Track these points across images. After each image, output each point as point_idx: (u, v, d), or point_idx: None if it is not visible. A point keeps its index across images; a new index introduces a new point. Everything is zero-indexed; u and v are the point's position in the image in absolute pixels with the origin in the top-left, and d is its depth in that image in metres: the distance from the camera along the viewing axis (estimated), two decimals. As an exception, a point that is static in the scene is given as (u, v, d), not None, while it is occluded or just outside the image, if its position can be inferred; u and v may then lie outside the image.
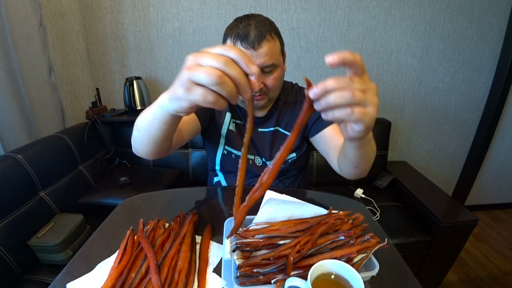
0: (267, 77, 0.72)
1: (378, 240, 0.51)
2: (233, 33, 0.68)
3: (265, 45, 0.67)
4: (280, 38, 0.74)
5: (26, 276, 0.90)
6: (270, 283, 0.45)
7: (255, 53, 0.66)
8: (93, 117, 1.39)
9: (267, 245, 0.52)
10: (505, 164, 1.94)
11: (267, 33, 0.67)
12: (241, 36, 0.66)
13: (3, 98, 1.09)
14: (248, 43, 0.66)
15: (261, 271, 0.47)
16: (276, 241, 0.51)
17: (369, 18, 1.52)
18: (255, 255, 0.51)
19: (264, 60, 0.67)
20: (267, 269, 0.47)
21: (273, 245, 0.52)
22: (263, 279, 0.46)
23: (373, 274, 0.48)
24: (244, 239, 0.53)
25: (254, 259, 0.49)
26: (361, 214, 0.58)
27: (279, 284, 0.44)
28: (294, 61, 1.58)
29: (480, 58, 1.64)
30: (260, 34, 0.66)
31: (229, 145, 0.87)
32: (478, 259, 1.64)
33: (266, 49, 0.67)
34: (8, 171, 0.93)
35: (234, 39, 0.68)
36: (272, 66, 0.70)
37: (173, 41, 1.50)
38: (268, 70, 0.70)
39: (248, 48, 0.66)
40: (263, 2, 1.44)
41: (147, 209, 0.72)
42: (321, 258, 0.47)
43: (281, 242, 0.51)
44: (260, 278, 0.46)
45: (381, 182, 1.54)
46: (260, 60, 0.67)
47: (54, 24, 1.34)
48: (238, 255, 0.51)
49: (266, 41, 0.67)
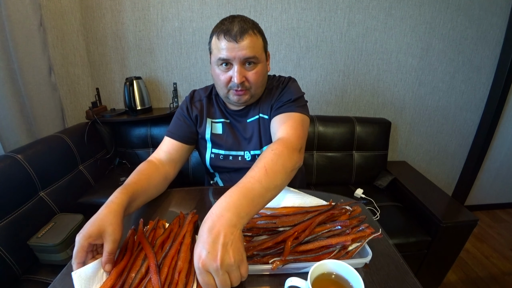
0: (249, 71, 0.75)
1: (372, 230, 0.53)
2: (218, 30, 0.73)
3: (247, 39, 0.70)
4: (263, 37, 0.78)
5: (26, 276, 0.90)
6: (267, 263, 0.49)
7: (237, 45, 0.70)
8: (93, 117, 1.39)
9: (268, 231, 0.55)
10: (505, 164, 1.94)
11: (250, 29, 0.72)
12: (225, 30, 0.71)
13: (3, 98, 1.09)
14: (230, 36, 0.70)
15: (260, 253, 0.51)
16: (277, 228, 0.55)
17: (369, 18, 1.52)
18: (256, 240, 0.54)
19: (246, 52, 0.71)
20: (266, 252, 0.51)
21: (273, 232, 0.55)
22: (261, 260, 0.50)
23: (366, 261, 0.50)
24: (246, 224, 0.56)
25: (254, 243, 0.52)
26: (359, 207, 0.59)
27: (275, 265, 0.47)
28: (294, 61, 1.58)
29: (480, 58, 1.65)
30: (242, 28, 0.70)
31: (216, 147, 0.89)
32: (478, 259, 1.64)
33: (248, 42, 0.71)
34: (8, 171, 0.93)
35: (218, 33, 0.72)
36: (253, 59, 0.73)
37: (173, 41, 1.50)
38: (249, 64, 0.74)
39: (230, 41, 0.70)
40: (263, 2, 1.44)
41: (147, 209, 0.72)
42: (317, 245, 0.51)
43: (281, 229, 0.55)
44: (259, 259, 0.50)
45: (381, 182, 1.54)
46: (242, 52, 0.71)
47: (54, 24, 1.34)
48: None
49: (248, 35, 0.71)
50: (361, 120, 1.58)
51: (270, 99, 0.85)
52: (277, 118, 0.77)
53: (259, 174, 0.52)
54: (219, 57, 0.72)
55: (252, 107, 0.86)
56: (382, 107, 1.72)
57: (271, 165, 0.55)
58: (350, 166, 1.58)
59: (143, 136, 1.51)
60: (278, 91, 0.84)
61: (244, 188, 0.49)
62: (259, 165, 0.55)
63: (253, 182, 0.51)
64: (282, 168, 0.57)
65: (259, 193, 0.50)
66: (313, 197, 0.64)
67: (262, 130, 0.85)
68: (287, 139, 0.67)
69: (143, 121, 1.50)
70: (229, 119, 0.89)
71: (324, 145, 1.55)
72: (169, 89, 1.60)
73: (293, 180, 0.93)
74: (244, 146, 0.88)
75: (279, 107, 0.79)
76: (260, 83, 0.79)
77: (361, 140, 1.56)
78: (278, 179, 0.55)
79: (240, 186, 0.50)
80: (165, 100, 1.63)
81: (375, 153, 1.59)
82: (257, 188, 0.50)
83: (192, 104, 0.90)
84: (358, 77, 1.64)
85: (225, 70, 0.74)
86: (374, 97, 1.70)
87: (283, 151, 0.60)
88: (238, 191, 0.48)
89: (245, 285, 0.49)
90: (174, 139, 0.84)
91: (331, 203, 0.62)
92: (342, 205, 0.59)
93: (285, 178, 0.58)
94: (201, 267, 0.40)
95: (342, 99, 1.69)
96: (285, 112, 0.77)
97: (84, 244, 0.47)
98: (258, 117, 0.86)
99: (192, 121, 0.88)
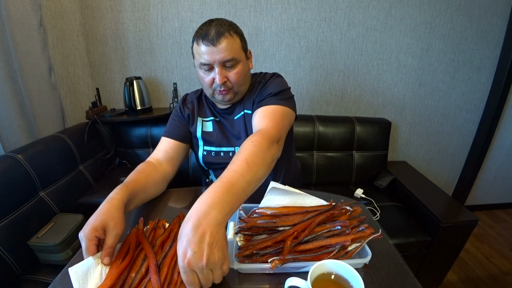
0: (230, 71, 0.78)
1: (372, 230, 0.53)
2: (197, 35, 0.76)
3: (224, 41, 0.73)
4: (241, 37, 0.81)
5: (26, 276, 0.90)
6: (266, 262, 0.49)
7: (215, 49, 0.73)
8: (93, 117, 1.39)
9: (267, 230, 0.56)
10: (505, 164, 1.94)
11: (226, 31, 0.74)
12: (203, 35, 0.74)
13: (3, 98, 1.09)
14: (208, 40, 0.73)
15: (260, 252, 0.51)
16: (276, 227, 0.55)
17: (369, 18, 1.52)
18: (256, 239, 0.55)
19: (224, 55, 0.74)
20: (265, 251, 0.51)
21: (273, 231, 0.55)
22: (260, 259, 0.50)
23: (365, 261, 0.50)
24: (246, 223, 0.57)
25: (254, 242, 0.53)
26: (359, 207, 0.60)
27: (274, 264, 0.47)
28: (294, 61, 1.58)
29: (480, 58, 1.64)
30: (218, 32, 0.73)
31: (207, 144, 0.92)
32: (478, 259, 1.64)
33: (225, 44, 0.74)
34: (8, 171, 0.93)
35: (197, 39, 0.76)
36: (232, 61, 0.76)
37: (173, 41, 1.50)
38: (229, 65, 0.77)
39: (208, 45, 0.73)
40: (263, 2, 1.44)
41: (147, 209, 0.72)
42: (316, 245, 0.51)
43: (280, 228, 0.55)
44: (258, 258, 0.51)
45: (381, 182, 1.55)
46: (220, 55, 0.74)
47: (54, 24, 1.34)
48: (240, 238, 0.56)
49: (224, 38, 0.73)
50: (361, 120, 1.58)
51: (252, 94, 0.87)
52: (258, 111, 0.78)
53: (241, 168, 0.52)
54: (201, 62, 0.76)
55: (237, 104, 0.89)
56: (382, 107, 1.72)
57: (253, 157, 0.55)
58: (350, 166, 1.58)
59: (143, 136, 1.51)
60: (260, 86, 0.87)
61: (228, 183, 0.48)
62: (240, 157, 0.54)
63: (236, 177, 0.50)
64: (263, 160, 0.57)
65: (242, 188, 0.50)
66: (313, 197, 0.64)
67: (248, 125, 0.87)
68: (266, 130, 0.67)
69: (143, 121, 1.50)
70: (218, 117, 0.92)
71: (324, 145, 1.55)
72: (169, 89, 1.60)
73: (288, 177, 0.96)
74: (234, 142, 0.90)
75: (260, 101, 0.81)
76: (242, 81, 0.82)
77: (361, 140, 1.56)
78: (259, 172, 0.55)
79: (224, 181, 0.49)
80: (165, 100, 1.63)
81: (375, 153, 1.59)
82: (240, 182, 0.50)
83: (184, 105, 0.95)
84: (358, 77, 1.64)
85: (208, 72, 0.79)
86: (374, 97, 1.70)
87: (262, 142, 0.60)
88: (222, 186, 0.48)
89: (244, 284, 0.49)
90: (171, 138, 0.88)
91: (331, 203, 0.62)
92: (343, 205, 0.59)
93: (266, 170, 0.58)
94: (186, 266, 0.40)
95: (342, 99, 1.69)
96: (266, 105, 0.78)
97: (92, 236, 0.48)
98: (243, 113, 0.88)
99: (185, 120, 0.93)
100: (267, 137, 0.63)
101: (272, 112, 0.75)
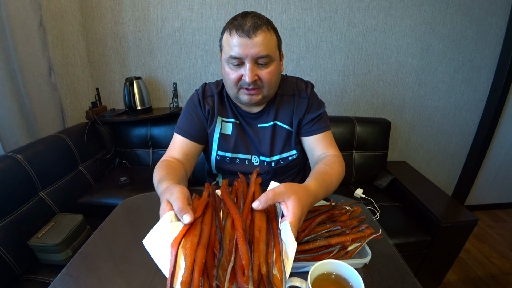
0: (262, 70, 0.70)
1: (372, 230, 0.53)
2: (230, 25, 0.68)
3: (260, 35, 0.66)
4: (277, 34, 0.73)
5: (26, 276, 0.90)
6: None
7: (250, 42, 0.65)
8: (93, 117, 1.39)
9: None
10: (505, 164, 1.94)
11: (263, 24, 0.67)
12: (237, 26, 0.66)
13: (3, 98, 1.09)
14: (243, 31, 0.65)
15: None
16: None
17: (369, 18, 1.52)
18: None
19: (259, 50, 0.66)
20: None
21: None
22: None
23: (365, 261, 0.50)
24: None
25: None
26: (359, 207, 0.60)
27: None
28: (294, 61, 1.58)
29: (480, 58, 1.64)
30: (255, 24, 0.66)
31: (222, 148, 0.83)
32: (478, 259, 1.64)
33: (261, 38, 0.66)
34: (8, 171, 0.93)
35: (230, 29, 0.67)
36: (267, 58, 0.68)
37: (173, 41, 1.50)
38: (262, 62, 0.69)
39: (243, 37, 0.65)
40: (263, 2, 1.44)
41: (147, 209, 0.72)
42: (316, 245, 0.51)
43: None
44: None
45: (381, 182, 1.54)
46: (255, 49, 0.66)
47: (54, 24, 1.34)
48: None
49: (261, 31, 0.66)
50: (361, 120, 1.58)
51: (291, 108, 0.81)
52: (315, 138, 0.81)
53: (328, 183, 0.62)
54: (230, 55, 0.67)
55: (267, 111, 0.82)
56: (382, 107, 1.72)
57: (338, 179, 0.68)
58: (350, 166, 1.58)
59: (143, 136, 1.51)
60: (302, 103, 0.81)
61: (315, 192, 0.56)
62: (331, 172, 0.66)
63: (324, 187, 0.60)
64: (338, 183, 0.68)
65: (316, 196, 0.57)
66: None
67: (276, 137, 0.82)
68: (339, 156, 0.77)
69: (143, 121, 1.50)
70: (239, 120, 0.83)
71: (324, 145, 1.55)
72: (169, 89, 1.61)
73: (296, 178, 0.93)
74: (253, 150, 0.83)
75: (312, 125, 0.81)
76: (274, 84, 0.74)
77: (361, 140, 1.56)
78: (331, 191, 0.64)
79: (324, 185, 0.60)
80: (165, 100, 1.63)
81: (375, 153, 1.59)
82: (320, 194, 0.59)
83: (204, 98, 0.83)
84: (358, 77, 1.64)
85: (236, 68, 0.70)
86: (374, 97, 1.70)
87: (343, 168, 0.73)
88: (321, 191, 0.59)
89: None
90: (187, 138, 0.80)
91: (331, 203, 0.62)
92: (343, 205, 0.59)
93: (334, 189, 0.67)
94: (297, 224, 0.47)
95: (342, 99, 1.69)
96: (321, 132, 0.81)
97: (184, 198, 0.49)
98: (273, 123, 0.81)
99: (204, 117, 0.82)
100: (342, 163, 0.75)
101: (329, 138, 0.83)
